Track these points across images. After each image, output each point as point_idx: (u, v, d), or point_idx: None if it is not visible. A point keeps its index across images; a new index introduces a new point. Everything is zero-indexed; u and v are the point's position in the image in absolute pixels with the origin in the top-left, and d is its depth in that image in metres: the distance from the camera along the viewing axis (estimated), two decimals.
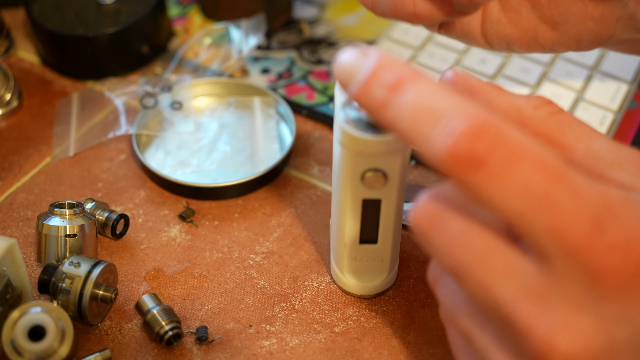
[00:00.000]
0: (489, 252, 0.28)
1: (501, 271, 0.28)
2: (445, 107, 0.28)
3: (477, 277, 0.28)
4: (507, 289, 0.28)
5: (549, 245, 0.27)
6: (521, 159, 0.27)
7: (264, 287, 0.45)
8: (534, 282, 0.27)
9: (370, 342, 0.43)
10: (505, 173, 0.27)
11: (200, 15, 0.65)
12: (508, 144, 0.27)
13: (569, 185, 0.27)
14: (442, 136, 0.27)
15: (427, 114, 0.28)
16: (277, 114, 0.55)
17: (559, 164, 0.27)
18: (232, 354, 0.42)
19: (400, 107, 0.29)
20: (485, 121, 0.27)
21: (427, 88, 0.29)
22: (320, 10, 0.65)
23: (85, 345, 0.42)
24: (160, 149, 0.53)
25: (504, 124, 0.28)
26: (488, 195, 0.27)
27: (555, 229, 0.26)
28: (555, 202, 0.27)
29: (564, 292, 0.27)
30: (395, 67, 0.30)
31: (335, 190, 0.40)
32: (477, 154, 0.27)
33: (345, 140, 0.37)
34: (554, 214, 0.26)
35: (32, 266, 0.46)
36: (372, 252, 0.42)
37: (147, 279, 0.46)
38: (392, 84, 0.30)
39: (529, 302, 0.27)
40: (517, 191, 0.27)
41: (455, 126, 0.27)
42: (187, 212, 0.49)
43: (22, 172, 0.52)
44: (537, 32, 0.43)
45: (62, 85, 0.59)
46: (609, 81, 0.57)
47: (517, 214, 0.27)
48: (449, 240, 0.29)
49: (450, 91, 0.29)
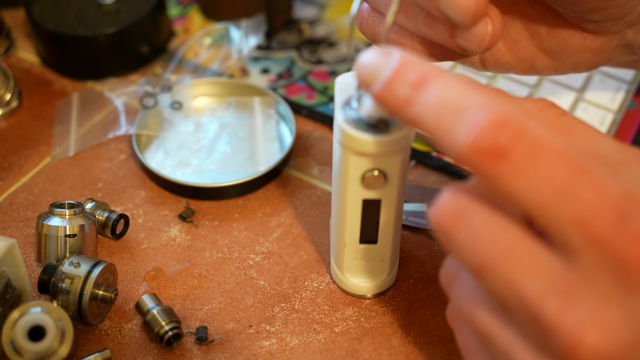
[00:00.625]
0: (515, 247, 0.28)
1: (527, 266, 0.28)
2: (469, 101, 0.29)
3: (502, 273, 0.28)
4: (533, 284, 0.28)
5: (573, 237, 0.27)
6: (544, 151, 0.27)
7: (264, 287, 0.45)
8: (561, 276, 0.27)
9: (370, 342, 0.43)
10: (529, 164, 0.27)
11: (200, 15, 0.65)
12: (531, 136, 0.27)
13: (592, 177, 0.27)
14: (465, 129, 0.28)
15: (451, 109, 0.29)
16: (277, 114, 0.55)
17: (580, 156, 0.28)
18: (232, 354, 0.42)
19: (425, 103, 0.30)
20: (508, 114, 0.28)
21: (451, 84, 0.30)
22: (320, 10, 0.65)
23: (85, 345, 0.42)
24: (160, 149, 0.53)
25: (526, 117, 0.28)
26: (511, 187, 0.27)
27: (580, 220, 0.27)
28: (578, 193, 0.27)
29: (591, 286, 0.27)
30: (419, 65, 0.31)
31: (335, 191, 0.40)
32: (501, 146, 0.27)
33: (345, 141, 0.37)
34: (578, 204, 0.27)
35: (32, 266, 0.46)
36: (372, 252, 0.42)
37: (147, 279, 0.46)
38: (416, 82, 0.30)
39: (556, 298, 0.27)
40: (540, 182, 0.27)
41: (478, 119, 0.28)
42: (187, 212, 0.49)
43: (22, 172, 0.52)
44: (535, 60, 0.43)
45: (62, 85, 0.59)
46: (609, 81, 0.57)
47: (540, 205, 0.27)
48: (473, 236, 0.29)
49: (473, 86, 0.29)
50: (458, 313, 0.33)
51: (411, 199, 0.49)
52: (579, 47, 0.42)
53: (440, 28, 0.37)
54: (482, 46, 0.36)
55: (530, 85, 0.56)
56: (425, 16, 0.37)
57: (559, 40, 0.42)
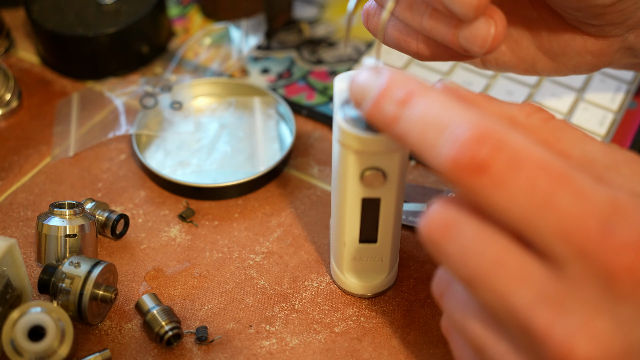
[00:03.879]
0: (503, 258, 0.28)
1: (517, 277, 0.28)
2: (451, 117, 0.29)
3: (492, 284, 0.28)
4: (523, 295, 0.28)
5: (559, 248, 0.27)
6: (524, 163, 0.27)
7: (264, 287, 0.45)
8: (550, 286, 0.27)
9: (370, 342, 0.43)
10: (509, 177, 0.27)
11: (200, 15, 0.65)
12: (511, 148, 0.27)
13: (575, 187, 0.27)
14: (447, 145, 0.28)
15: (434, 125, 0.29)
16: (277, 114, 0.55)
17: (563, 166, 0.27)
18: (232, 354, 0.42)
19: (409, 120, 0.30)
20: (488, 127, 0.28)
21: (434, 100, 0.30)
22: (320, 10, 0.65)
23: (85, 345, 0.42)
24: (160, 149, 0.53)
25: (507, 129, 0.28)
26: (494, 201, 0.27)
27: (564, 231, 0.27)
28: (561, 203, 0.27)
29: (580, 296, 0.27)
30: (405, 82, 0.31)
31: (335, 190, 0.40)
32: (481, 160, 0.27)
33: (344, 139, 0.37)
34: (561, 215, 0.27)
35: (32, 266, 0.46)
36: (371, 251, 0.42)
37: (147, 279, 0.46)
38: (402, 99, 0.31)
39: (545, 308, 0.27)
40: (521, 195, 0.27)
41: (459, 134, 0.28)
42: (187, 212, 0.49)
43: (22, 172, 0.52)
44: (535, 61, 0.43)
45: (62, 85, 0.59)
46: (609, 81, 0.57)
47: (523, 218, 0.27)
48: (462, 247, 0.29)
49: (456, 102, 0.30)
50: (451, 324, 0.33)
51: (411, 199, 0.49)
52: (580, 50, 0.42)
53: (444, 27, 0.37)
54: (484, 48, 0.36)
55: (530, 86, 0.56)
56: (430, 13, 0.37)
57: (560, 42, 0.42)
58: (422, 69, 0.58)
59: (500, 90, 0.56)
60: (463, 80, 0.57)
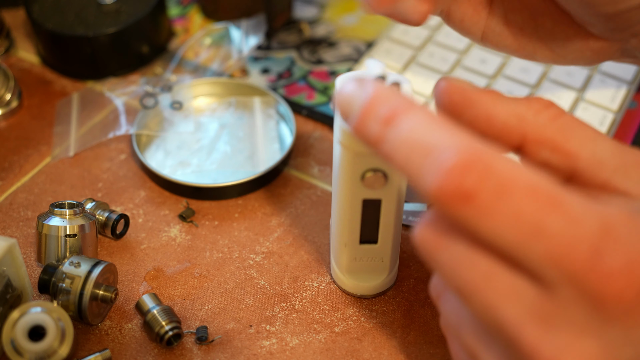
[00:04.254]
0: (494, 272, 0.28)
1: (507, 292, 0.28)
2: (436, 140, 0.28)
3: (482, 297, 0.28)
4: (512, 310, 0.27)
5: (549, 272, 0.27)
6: (512, 190, 0.27)
7: (264, 287, 0.45)
8: (539, 304, 0.27)
9: (370, 342, 0.43)
10: (497, 205, 0.27)
11: (200, 15, 0.65)
12: (497, 175, 0.27)
13: (564, 211, 0.27)
14: (432, 171, 0.27)
15: (419, 148, 0.28)
16: (277, 114, 0.55)
17: (553, 189, 0.27)
18: (232, 354, 0.42)
19: (394, 141, 0.29)
20: (474, 153, 0.27)
21: (419, 121, 0.29)
22: (320, 10, 0.65)
23: (85, 345, 0.42)
24: (160, 149, 0.53)
25: (494, 154, 0.27)
26: (482, 228, 0.27)
27: (554, 257, 0.26)
28: (550, 230, 0.26)
29: (569, 316, 0.27)
30: (389, 99, 0.30)
31: (335, 190, 0.40)
32: (467, 189, 0.27)
33: (345, 140, 0.37)
34: (551, 241, 0.26)
35: (32, 266, 0.46)
36: (372, 252, 0.42)
37: (147, 279, 0.46)
38: (386, 118, 0.29)
39: (534, 324, 0.27)
40: (510, 223, 0.27)
41: (444, 160, 0.27)
42: (187, 212, 0.49)
43: (22, 172, 0.52)
44: (535, 49, 0.43)
45: (62, 85, 0.59)
46: (609, 81, 0.57)
47: (512, 244, 0.27)
48: (453, 259, 0.29)
49: (442, 122, 0.29)
50: (447, 327, 0.33)
51: (411, 199, 0.49)
52: (581, 46, 0.42)
53: None
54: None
55: (530, 85, 0.56)
56: None
57: (563, 37, 0.42)
58: (422, 68, 0.58)
59: (501, 89, 0.56)
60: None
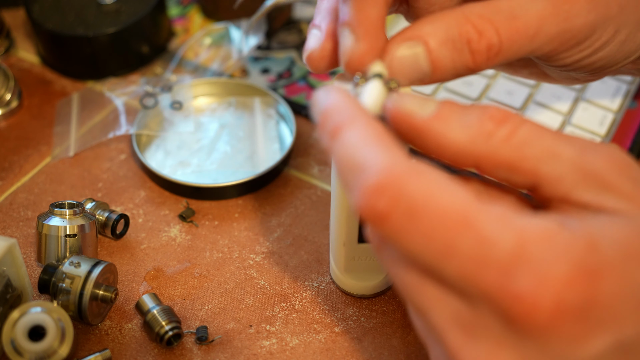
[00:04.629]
0: (425, 280, 0.29)
1: (435, 299, 0.29)
2: (364, 157, 0.29)
3: (415, 300, 0.29)
4: (439, 315, 0.29)
5: (465, 288, 0.27)
6: (422, 212, 0.27)
7: (264, 287, 0.45)
8: (462, 313, 0.28)
9: (370, 342, 0.43)
10: (407, 227, 0.28)
11: (200, 15, 0.65)
12: (408, 198, 0.27)
13: (476, 231, 0.27)
14: (355, 189, 0.28)
15: (350, 164, 0.29)
16: (277, 114, 0.56)
17: (468, 209, 0.27)
18: (232, 354, 0.42)
19: (335, 154, 0.30)
20: (390, 175, 0.28)
21: (356, 135, 0.30)
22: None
23: (85, 345, 0.42)
24: (160, 149, 0.53)
25: (412, 175, 0.28)
26: (399, 247, 0.28)
27: (466, 276, 0.27)
28: (461, 249, 0.27)
29: (487, 328, 0.28)
30: (338, 111, 0.31)
31: (334, 190, 0.40)
32: (379, 211, 0.28)
33: None
34: (461, 261, 0.27)
35: (32, 266, 0.46)
36: (370, 251, 0.42)
37: (147, 279, 0.46)
38: (332, 130, 0.30)
39: (458, 331, 0.28)
40: (422, 242, 0.27)
41: (364, 180, 0.28)
42: (187, 212, 0.49)
43: (22, 172, 0.52)
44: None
45: (62, 85, 0.59)
46: (609, 81, 0.57)
47: (428, 262, 0.28)
48: (390, 263, 0.30)
49: (379, 137, 0.29)
50: None
51: None
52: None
53: None
54: None
55: (530, 86, 0.56)
56: None
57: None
58: None
59: (501, 90, 0.56)
60: (463, 79, 0.57)
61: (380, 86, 0.35)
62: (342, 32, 0.34)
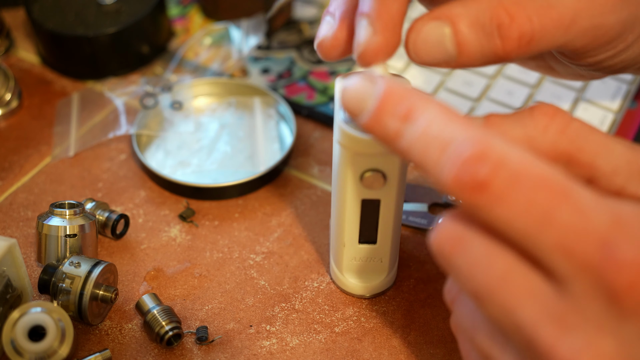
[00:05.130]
0: (510, 274, 0.28)
1: (522, 294, 0.28)
2: (453, 133, 0.29)
3: (498, 300, 0.28)
4: (529, 312, 0.28)
5: (560, 264, 0.27)
6: (523, 180, 0.27)
7: (264, 287, 0.45)
8: (555, 304, 0.27)
9: (370, 342, 0.43)
10: (508, 194, 0.27)
11: (200, 15, 0.65)
12: (510, 165, 0.27)
13: (574, 203, 0.27)
14: (448, 164, 0.28)
15: (436, 142, 0.29)
16: (277, 114, 0.56)
17: (564, 182, 0.27)
18: (233, 354, 0.42)
19: (411, 136, 0.29)
20: (488, 144, 0.28)
21: (436, 115, 0.29)
22: (320, 10, 0.65)
23: (85, 345, 0.42)
24: (161, 149, 0.53)
25: (508, 145, 0.28)
26: (495, 217, 0.28)
27: (564, 247, 0.26)
28: (560, 219, 0.27)
29: (584, 314, 0.27)
30: (405, 95, 0.30)
31: (335, 191, 0.40)
32: (480, 178, 0.27)
33: (344, 141, 0.37)
34: (560, 231, 0.26)
35: (32, 266, 0.46)
36: (371, 252, 0.42)
37: (147, 279, 0.46)
38: (403, 114, 0.30)
39: (550, 325, 0.27)
40: (521, 211, 0.27)
41: (459, 152, 0.28)
42: (187, 212, 0.49)
43: (22, 172, 0.52)
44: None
45: (62, 85, 0.59)
46: (609, 81, 0.57)
47: (524, 233, 0.27)
48: (470, 262, 0.29)
49: (457, 116, 0.29)
50: (459, 329, 0.33)
51: (411, 199, 0.49)
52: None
53: None
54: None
55: (530, 86, 0.56)
56: None
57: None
58: (421, 69, 0.58)
59: (501, 90, 0.56)
60: (463, 80, 0.57)
61: None
62: (360, 23, 0.34)
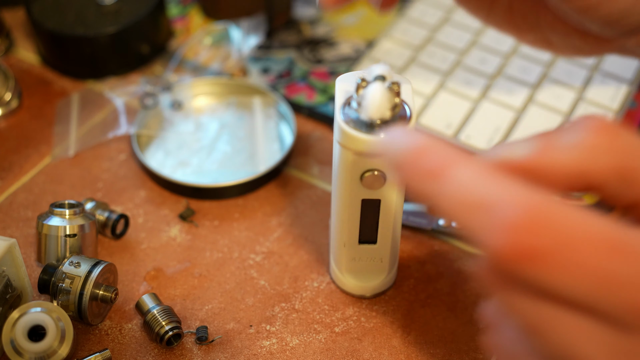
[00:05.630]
0: (568, 315, 0.27)
1: (581, 332, 0.27)
2: (492, 194, 0.27)
3: (555, 336, 0.27)
4: (587, 349, 0.27)
5: (630, 320, 0.26)
6: (579, 242, 0.26)
7: (264, 287, 0.45)
8: (616, 343, 0.26)
9: (370, 342, 0.43)
10: (567, 259, 0.25)
11: (200, 15, 0.65)
12: (563, 228, 0.26)
13: (630, 255, 0.25)
14: (493, 229, 0.26)
15: (475, 204, 0.27)
16: (277, 114, 0.56)
17: (617, 232, 0.26)
18: (232, 354, 0.42)
19: (449, 196, 0.28)
20: (534, 208, 0.26)
21: (470, 174, 0.27)
22: (320, 10, 0.65)
23: (85, 345, 0.42)
24: (160, 149, 0.53)
25: (554, 205, 0.26)
26: (553, 285, 0.26)
27: (631, 305, 0.25)
28: (621, 277, 0.25)
29: None
30: (438, 152, 0.28)
31: (335, 190, 0.40)
32: (532, 247, 0.25)
33: (344, 141, 0.37)
34: (624, 290, 0.25)
35: (32, 266, 0.46)
36: (371, 252, 0.42)
37: (147, 279, 0.46)
38: (435, 172, 0.28)
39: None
40: (582, 275, 0.25)
41: (504, 217, 0.26)
42: (187, 212, 0.49)
43: (22, 172, 0.52)
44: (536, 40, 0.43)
45: (62, 85, 0.59)
46: (609, 81, 0.57)
47: (588, 296, 0.26)
48: (524, 302, 0.27)
49: (495, 174, 0.27)
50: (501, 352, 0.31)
51: (410, 200, 0.49)
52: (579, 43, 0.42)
53: None
54: None
55: (531, 85, 0.56)
56: None
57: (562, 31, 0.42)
58: (422, 68, 0.58)
59: (502, 90, 0.56)
60: (463, 79, 0.57)
61: (382, 88, 0.35)
62: None
